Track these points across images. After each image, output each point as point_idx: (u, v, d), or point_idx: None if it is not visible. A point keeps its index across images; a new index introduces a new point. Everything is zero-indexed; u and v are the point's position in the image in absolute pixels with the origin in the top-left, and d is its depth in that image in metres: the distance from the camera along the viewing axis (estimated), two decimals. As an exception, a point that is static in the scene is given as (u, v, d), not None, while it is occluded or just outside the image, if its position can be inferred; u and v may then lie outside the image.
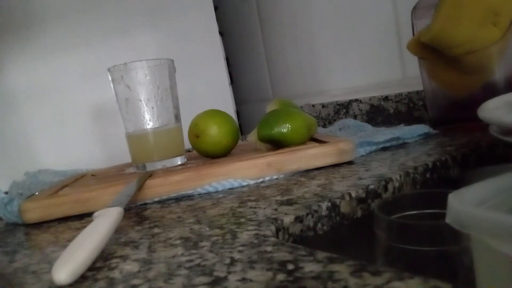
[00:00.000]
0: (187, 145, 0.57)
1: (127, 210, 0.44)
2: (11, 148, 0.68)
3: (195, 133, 0.53)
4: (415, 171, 0.42)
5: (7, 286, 0.28)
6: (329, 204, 0.36)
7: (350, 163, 0.49)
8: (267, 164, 0.47)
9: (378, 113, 0.81)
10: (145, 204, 0.46)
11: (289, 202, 0.37)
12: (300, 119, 0.52)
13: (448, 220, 0.18)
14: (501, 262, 0.17)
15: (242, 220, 0.34)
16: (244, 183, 0.46)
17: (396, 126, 0.63)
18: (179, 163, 0.56)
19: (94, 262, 0.29)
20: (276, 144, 0.52)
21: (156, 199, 0.45)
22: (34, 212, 0.44)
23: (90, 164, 0.70)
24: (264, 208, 0.36)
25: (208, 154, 0.55)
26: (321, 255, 0.25)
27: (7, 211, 0.45)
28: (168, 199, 0.46)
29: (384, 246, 0.30)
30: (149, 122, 0.55)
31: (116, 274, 0.27)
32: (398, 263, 0.30)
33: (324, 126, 0.90)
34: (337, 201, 0.36)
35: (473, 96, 0.57)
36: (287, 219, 0.33)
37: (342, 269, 0.22)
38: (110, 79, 0.55)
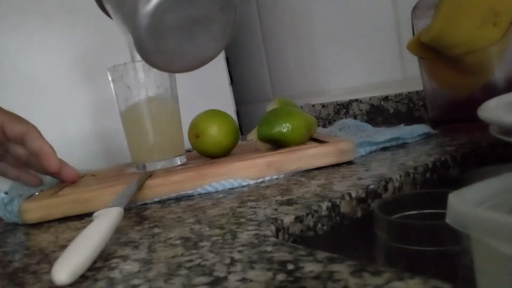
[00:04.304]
0: (187, 145, 0.57)
1: (127, 210, 0.44)
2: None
3: (195, 133, 0.53)
4: (415, 171, 0.42)
5: (7, 286, 0.28)
6: (329, 204, 0.36)
7: (350, 163, 0.49)
8: (267, 164, 0.47)
9: (378, 113, 0.81)
10: (145, 204, 0.45)
11: (289, 202, 0.37)
12: (300, 119, 0.52)
13: (448, 220, 0.18)
14: (501, 262, 0.17)
15: (242, 220, 0.34)
16: (244, 183, 0.46)
17: (396, 126, 0.63)
18: (179, 163, 0.56)
19: (94, 262, 0.29)
20: (276, 144, 0.52)
21: (156, 199, 0.45)
22: (34, 212, 0.44)
23: (90, 164, 0.70)
24: (264, 208, 0.36)
25: (208, 154, 0.55)
26: (321, 255, 0.25)
27: (7, 211, 0.45)
28: (168, 199, 0.46)
29: (384, 246, 0.30)
30: (149, 122, 0.55)
31: (116, 274, 0.27)
32: (398, 263, 0.30)
33: (324, 126, 0.90)
34: (337, 201, 0.36)
35: (473, 96, 0.57)
36: (287, 219, 0.33)
37: (342, 269, 0.22)
38: (110, 79, 0.55)
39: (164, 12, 0.25)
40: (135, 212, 0.43)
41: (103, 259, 0.30)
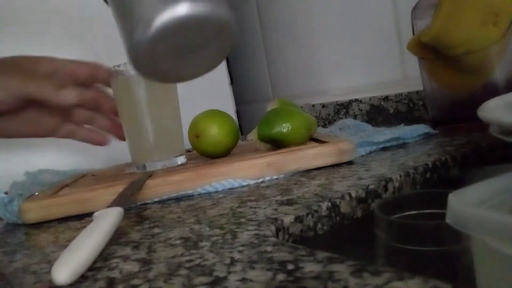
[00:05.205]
0: (187, 145, 0.57)
1: (127, 210, 0.44)
2: (11, 148, 0.68)
3: (195, 133, 0.53)
4: (415, 171, 0.42)
5: (7, 286, 0.28)
6: (329, 204, 0.36)
7: (350, 163, 0.49)
8: (267, 164, 0.47)
9: (378, 113, 0.81)
10: (145, 204, 0.45)
11: (289, 202, 0.37)
12: (300, 119, 0.52)
13: (448, 220, 0.18)
14: (501, 262, 0.17)
15: (242, 220, 0.34)
16: (244, 183, 0.46)
17: (396, 126, 0.63)
18: (179, 163, 0.56)
19: (94, 262, 0.29)
20: (276, 143, 0.52)
21: (156, 199, 0.45)
22: (34, 212, 0.44)
23: (90, 164, 0.70)
24: (264, 208, 0.36)
25: (208, 154, 0.55)
26: (321, 255, 0.25)
27: (7, 211, 0.45)
28: (168, 199, 0.46)
29: (384, 246, 0.30)
30: (149, 122, 0.55)
31: (116, 274, 0.27)
32: (398, 263, 0.30)
33: (324, 126, 0.90)
34: (337, 201, 0.36)
35: (473, 96, 0.57)
36: (287, 219, 0.33)
37: (342, 269, 0.22)
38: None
39: (163, 38, 0.25)
40: (135, 212, 0.43)
41: (103, 259, 0.30)
